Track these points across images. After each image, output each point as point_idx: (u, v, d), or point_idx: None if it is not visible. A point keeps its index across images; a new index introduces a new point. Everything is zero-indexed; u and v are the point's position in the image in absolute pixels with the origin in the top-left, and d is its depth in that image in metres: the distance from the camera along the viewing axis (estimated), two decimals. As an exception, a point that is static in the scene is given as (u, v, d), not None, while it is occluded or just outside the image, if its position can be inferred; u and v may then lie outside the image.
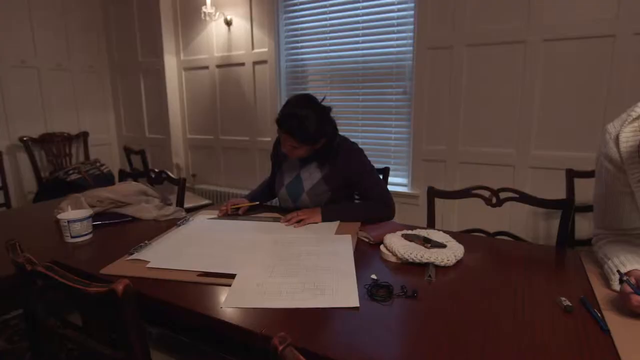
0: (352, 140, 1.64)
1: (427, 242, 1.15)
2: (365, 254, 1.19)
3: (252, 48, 3.13)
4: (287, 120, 1.45)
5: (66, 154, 3.51)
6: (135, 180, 1.97)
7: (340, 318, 0.84)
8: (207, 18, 3.15)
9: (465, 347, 0.73)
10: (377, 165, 1.90)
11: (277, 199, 1.76)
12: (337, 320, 0.83)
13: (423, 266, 1.08)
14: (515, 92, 2.27)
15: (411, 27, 2.53)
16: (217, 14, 3.16)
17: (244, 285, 0.99)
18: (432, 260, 1.07)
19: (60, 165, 3.43)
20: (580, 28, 2.07)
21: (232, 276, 1.03)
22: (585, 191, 1.95)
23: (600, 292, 0.93)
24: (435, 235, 1.23)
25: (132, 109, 3.86)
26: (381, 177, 1.90)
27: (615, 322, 0.80)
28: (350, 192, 1.64)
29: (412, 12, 2.51)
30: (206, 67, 3.41)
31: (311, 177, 1.59)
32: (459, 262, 1.11)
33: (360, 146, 1.63)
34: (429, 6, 2.42)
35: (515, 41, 2.23)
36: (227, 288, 0.98)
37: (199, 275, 1.05)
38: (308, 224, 1.45)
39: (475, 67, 2.36)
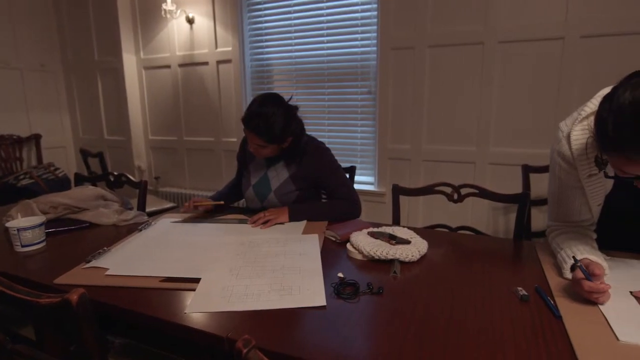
0: (319, 139, 1.64)
1: (392, 239, 1.17)
2: (333, 253, 1.20)
3: (216, 47, 3.07)
4: (254, 119, 1.43)
5: (16, 157, 3.30)
6: (93, 185, 1.89)
7: (307, 317, 0.84)
8: (168, 16, 3.06)
9: (429, 340, 0.75)
10: (343, 165, 1.92)
11: (244, 199, 1.73)
12: (304, 320, 0.83)
13: (389, 263, 1.10)
14: (475, 92, 2.36)
15: (375, 27, 2.57)
16: (179, 11, 3.08)
17: (209, 289, 0.96)
18: (397, 256, 1.09)
19: (9, 170, 3.22)
20: (532, 31, 2.17)
21: (197, 280, 1.01)
22: (540, 185, 2.05)
23: (554, 281, 0.98)
24: (400, 231, 1.26)
25: (89, 109, 3.69)
26: (348, 176, 1.92)
27: (566, 308, 0.84)
28: (318, 191, 1.65)
29: (375, 13, 2.54)
30: (168, 66, 3.31)
31: (278, 176, 1.58)
32: (423, 257, 1.14)
33: (327, 145, 1.64)
34: (392, 7, 2.46)
35: (473, 43, 2.31)
36: (191, 293, 0.95)
37: (161, 280, 1.02)
38: (275, 224, 1.44)
39: (437, 68, 2.43)
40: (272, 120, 1.42)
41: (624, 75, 0.82)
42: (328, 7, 2.69)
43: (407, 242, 1.16)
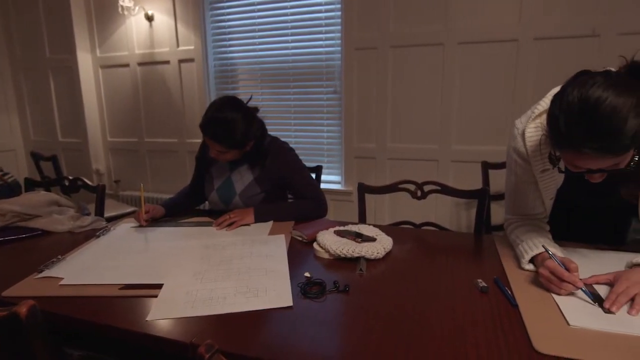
0: (285, 140, 1.63)
1: (358, 237, 1.18)
2: (299, 253, 1.20)
3: (177, 45, 2.99)
4: (212, 126, 1.39)
5: (-41, 162, 3.06)
6: (47, 190, 1.78)
7: (274, 319, 0.84)
8: (125, 12, 2.94)
9: (394, 334, 0.77)
10: (310, 164, 1.92)
11: (207, 202, 1.70)
12: (271, 322, 0.83)
13: (355, 261, 1.11)
14: (436, 91, 2.43)
15: (339, 27, 2.59)
16: (137, 8, 2.97)
17: (172, 295, 0.94)
18: (362, 254, 1.10)
19: (-49, 176, 2.98)
20: (488, 33, 2.26)
21: (159, 286, 0.98)
22: (499, 181, 2.14)
23: (511, 272, 1.02)
24: (366, 229, 1.27)
25: (41, 110, 3.48)
26: (314, 175, 1.93)
27: (522, 298, 0.89)
28: (284, 192, 1.64)
29: (339, 14, 2.56)
30: (126, 65, 3.19)
31: (242, 179, 1.56)
32: (388, 254, 1.16)
33: (293, 145, 1.63)
34: (355, 8, 2.49)
35: (434, 44, 2.38)
36: (153, 299, 0.92)
37: (121, 288, 0.98)
38: (241, 225, 1.42)
39: (400, 68, 2.48)
40: (232, 126, 1.39)
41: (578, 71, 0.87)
42: (292, 7, 2.68)
43: (373, 239, 1.18)
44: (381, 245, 1.14)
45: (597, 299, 0.85)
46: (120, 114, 3.33)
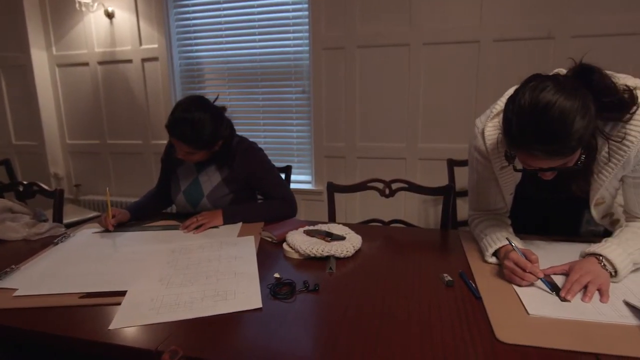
0: (255, 140, 1.61)
1: (327, 236, 1.19)
2: (269, 254, 1.19)
3: (140, 44, 2.89)
4: (179, 126, 1.35)
5: None
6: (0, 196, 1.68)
7: (243, 321, 0.83)
8: (83, 8, 2.82)
9: (363, 330, 0.78)
10: (279, 164, 1.91)
11: (174, 205, 1.65)
12: (239, 325, 0.81)
13: (325, 260, 1.12)
14: (403, 91, 2.48)
15: (306, 27, 2.58)
16: (96, 4, 2.85)
17: (137, 302, 0.91)
18: (332, 253, 1.11)
19: None
20: (451, 34, 2.33)
21: (123, 293, 0.94)
22: (464, 178, 2.21)
23: (475, 266, 1.06)
24: (335, 228, 1.28)
25: (-8, 111, 3.28)
26: (283, 175, 1.92)
27: (485, 290, 0.92)
28: (252, 193, 1.62)
29: (306, 13, 2.56)
30: (86, 64, 3.05)
31: (210, 180, 1.53)
32: (357, 252, 1.17)
33: (263, 145, 1.61)
34: (322, 8, 2.50)
35: (400, 44, 2.42)
36: (116, 307, 0.89)
37: (81, 297, 0.94)
38: (209, 228, 1.39)
39: (367, 67, 2.51)
40: (199, 126, 1.35)
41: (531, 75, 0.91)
42: (259, 6, 2.65)
43: (342, 238, 1.19)
44: (350, 243, 1.15)
45: (555, 288, 0.90)
46: (80, 115, 3.19)
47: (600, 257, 0.93)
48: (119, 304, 0.90)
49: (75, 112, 3.20)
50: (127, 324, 0.83)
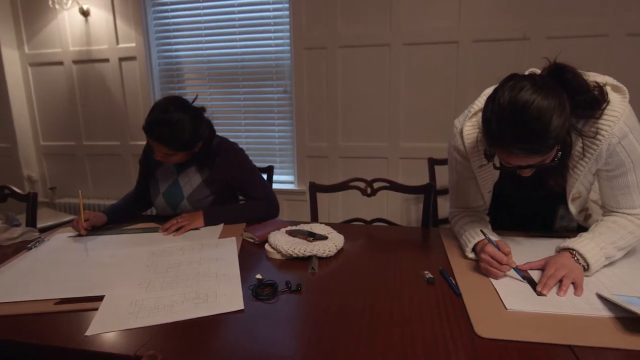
0: (236, 140, 1.59)
1: (310, 236, 1.19)
2: (251, 255, 1.18)
3: (117, 43, 2.82)
4: (157, 127, 1.32)
5: None
6: (-33, 200, 1.62)
7: (224, 324, 0.82)
8: (57, 6, 2.73)
9: (345, 329, 0.78)
10: (261, 164, 1.90)
11: (153, 208, 1.62)
12: (221, 327, 0.81)
13: (307, 260, 1.12)
14: (384, 90, 2.50)
15: (287, 27, 2.58)
16: (70, 2, 2.76)
17: (115, 306, 0.89)
18: (314, 252, 1.11)
19: None
20: (431, 35, 2.36)
21: (100, 298, 0.92)
22: (445, 176, 2.24)
23: (455, 263, 1.07)
24: (317, 228, 1.28)
25: (-39, 112, 3.15)
26: (265, 176, 1.91)
27: (465, 286, 0.93)
28: (234, 194, 1.60)
29: (287, 13, 2.55)
30: (60, 63, 2.96)
31: (191, 182, 1.50)
32: (339, 251, 1.17)
33: (245, 146, 1.60)
34: (303, 8, 2.49)
35: (381, 44, 2.44)
36: (94, 313, 0.87)
37: (56, 303, 0.91)
38: (190, 230, 1.37)
39: (349, 67, 2.52)
40: (178, 127, 1.33)
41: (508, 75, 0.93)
42: (239, 5, 2.63)
43: (325, 238, 1.19)
44: (333, 243, 1.16)
45: (531, 283, 0.92)
46: (55, 115, 3.09)
47: (574, 252, 0.96)
48: (97, 309, 0.88)
49: (50, 113, 3.10)
50: (105, 329, 0.81)
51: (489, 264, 0.96)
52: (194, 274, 1.03)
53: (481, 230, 1.05)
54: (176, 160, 1.42)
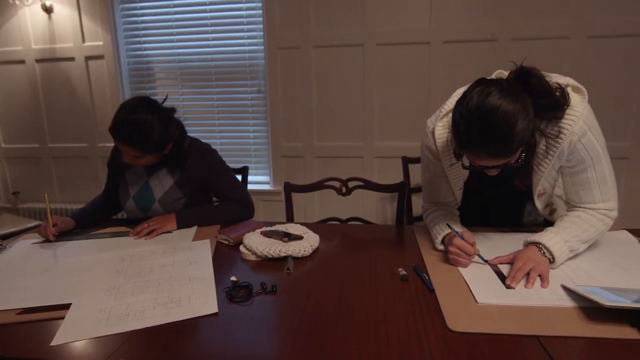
0: (210, 141, 1.56)
1: (285, 237, 1.18)
2: (226, 257, 1.16)
3: (83, 41, 2.72)
4: (124, 129, 1.28)
5: None
6: None
7: (198, 327, 0.80)
8: (17, 2, 2.61)
9: (321, 328, 0.78)
10: (236, 165, 1.88)
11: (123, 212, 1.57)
12: (195, 331, 0.79)
13: (282, 260, 1.11)
14: (358, 90, 2.51)
15: (260, 26, 2.56)
16: (31, -2, 2.65)
17: (83, 314, 0.85)
18: (289, 253, 1.10)
19: None
20: (403, 35, 2.40)
21: (67, 306, 0.89)
22: (419, 174, 2.28)
23: (428, 259, 1.09)
24: (293, 228, 1.28)
25: None
26: (240, 177, 1.89)
27: (438, 282, 0.95)
28: (207, 196, 1.57)
29: (260, 12, 2.53)
30: (21, 62, 2.83)
31: (162, 184, 1.46)
32: (315, 251, 1.17)
33: (219, 147, 1.58)
34: (276, 8, 2.48)
35: (354, 44, 2.46)
36: (60, 321, 0.83)
37: (19, 313, 0.87)
38: (162, 233, 1.34)
39: (323, 67, 2.52)
40: (146, 129, 1.28)
41: (479, 75, 0.96)
42: (211, 3, 2.59)
43: (300, 238, 1.19)
44: (308, 243, 1.15)
45: (501, 277, 0.95)
46: (17, 117, 2.95)
47: (541, 245, 1.00)
48: (63, 318, 0.85)
49: (11, 114, 2.96)
50: (72, 338, 0.78)
51: (456, 255, 1.02)
52: (167, 278, 1.01)
53: (447, 224, 1.09)
54: (145, 162, 1.38)
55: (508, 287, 0.91)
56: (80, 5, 2.67)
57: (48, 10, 2.69)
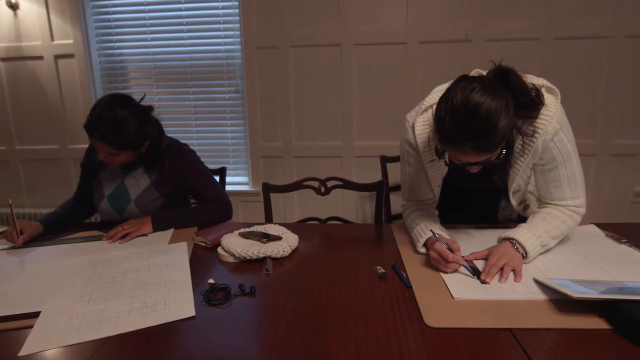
0: (187, 141, 1.54)
1: (264, 237, 1.17)
2: (203, 259, 1.15)
3: (52, 39, 2.63)
4: (99, 125, 1.25)
5: None
6: None
7: (175, 332, 0.79)
8: (-20, -2, 2.50)
9: (300, 328, 0.78)
10: (214, 166, 1.85)
11: (98, 215, 1.53)
12: (172, 335, 0.77)
13: (261, 261, 1.10)
14: (337, 90, 2.52)
15: (237, 25, 2.53)
16: (-5, -6, 2.54)
17: (53, 322, 0.82)
18: (268, 253, 1.09)
19: None
20: (380, 35, 2.42)
21: (36, 315, 0.85)
22: (397, 173, 2.31)
23: (406, 257, 1.11)
24: (271, 229, 1.27)
25: None
26: (218, 178, 1.86)
27: (415, 279, 0.97)
28: (185, 197, 1.55)
29: (237, 11, 2.51)
30: (-14, 61, 2.71)
31: (138, 184, 1.43)
32: (294, 251, 1.17)
33: (196, 147, 1.55)
34: (253, 7, 2.46)
35: (331, 44, 2.46)
36: (28, 330, 0.80)
37: (-17, 323, 0.83)
38: (137, 236, 1.31)
39: (301, 67, 2.52)
40: (122, 125, 1.26)
41: (455, 74, 0.98)
42: (186, 1, 2.54)
43: (279, 238, 1.18)
44: (287, 243, 1.15)
45: (476, 273, 0.97)
46: (-19, 118, 2.82)
47: (514, 241, 1.03)
48: (32, 326, 0.81)
49: (-25, 115, 2.82)
50: (42, 347, 0.75)
51: (436, 261, 1.00)
52: (142, 282, 0.98)
53: (431, 230, 1.08)
54: (121, 160, 1.35)
55: (483, 282, 0.93)
56: (48, 2, 2.57)
57: (13, 6, 2.58)
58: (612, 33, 2.27)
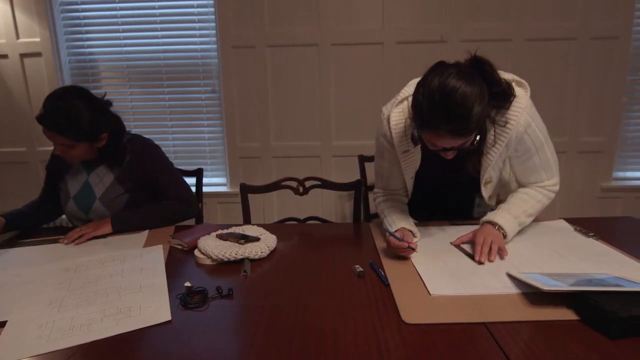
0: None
1: (241, 239, 1.16)
2: (180, 262, 1.13)
3: (17, 37, 2.52)
4: (51, 114, 1.23)
5: None
6: None
7: (150, 337, 0.77)
8: (-62, -7, 2.37)
9: (278, 329, 0.77)
10: (191, 167, 1.82)
11: (64, 217, 1.48)
12: (147, 341, 0.76)
13: (239, 263, 1.09)
14: (314, 90, 2.52)
15: (213, 24, 2.49)
16: (-45, -11, 2.41)
17: (20, 332, 0.79)
18: (246, 255, 1.08)
19: None
20: (357, 36, 2.43)
21: (2, 324, 0.82)
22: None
23: (385, 255, 1.12)
24: (249, 230, 1.26)
25: None
26: (195, 179, 1.83)
27: (393, 277, 0.98)
28: (151, 192, 1.51)
29: (212, 10, 2.47)
30: (-55, 59, 2.58)
31: (102, 181, 1.40)
32: (272, 252, 1.16)
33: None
34: (229, 6, 2.43)
35: (309, 44, 2.46)
36: (-6, 341, 0.77)
37: (-56, 335, 0.79)
38: (94, 237, 1.28)
39: (279, 67, 2.51)
40: (75, 114, 1.25)
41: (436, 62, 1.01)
42: (159, 0, 2.49)
43: (257, 239, 1.17)
44: (265, 244, 1.14)
45: (468, 255, 1.05)
46: (-58, 119, 2.68)
47: (495, 224, 1.12)
48: (-3, 337, 0.78)
49: None
50: (10, 358, 0.72)
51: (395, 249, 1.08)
52: (115, 287, 0.96)
53: (387, 230, 1.16)
54: (78, 153, 1.32)
55: (479, 263, 1.00)
56: (12, -1, 2.47)
57: (-25, 3, 2.46)
58: (578, 35, 2.36)
